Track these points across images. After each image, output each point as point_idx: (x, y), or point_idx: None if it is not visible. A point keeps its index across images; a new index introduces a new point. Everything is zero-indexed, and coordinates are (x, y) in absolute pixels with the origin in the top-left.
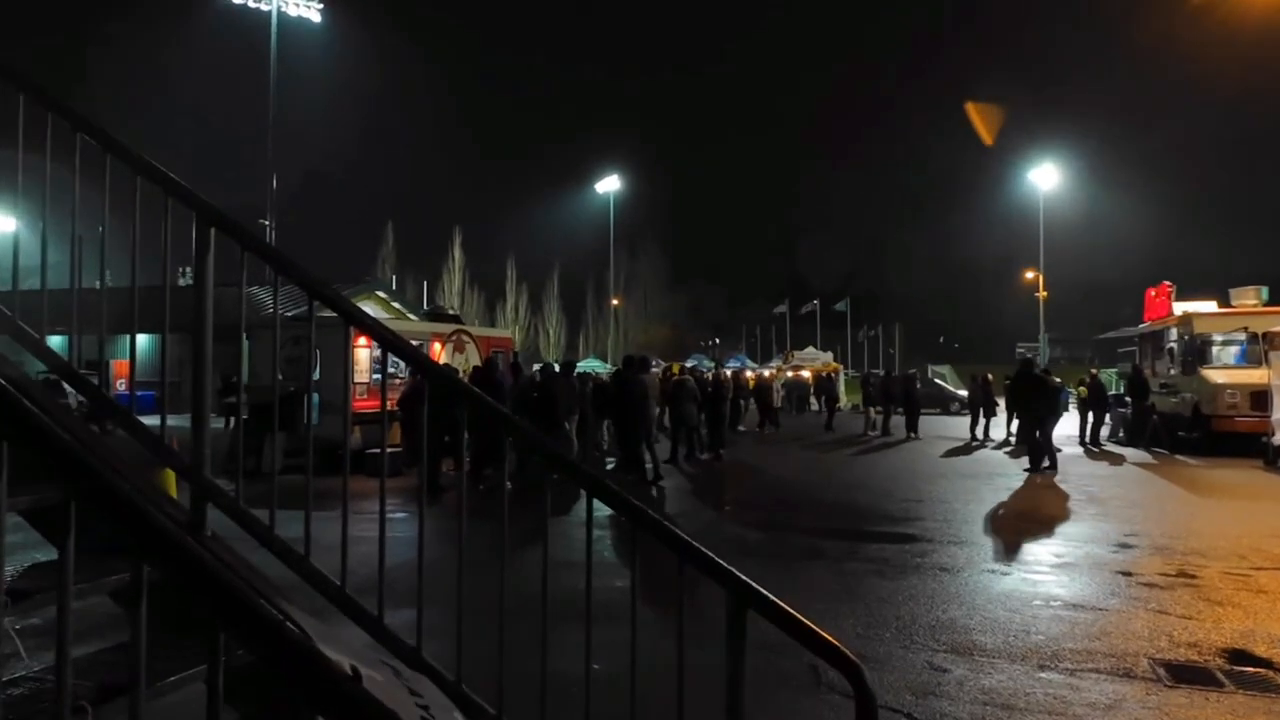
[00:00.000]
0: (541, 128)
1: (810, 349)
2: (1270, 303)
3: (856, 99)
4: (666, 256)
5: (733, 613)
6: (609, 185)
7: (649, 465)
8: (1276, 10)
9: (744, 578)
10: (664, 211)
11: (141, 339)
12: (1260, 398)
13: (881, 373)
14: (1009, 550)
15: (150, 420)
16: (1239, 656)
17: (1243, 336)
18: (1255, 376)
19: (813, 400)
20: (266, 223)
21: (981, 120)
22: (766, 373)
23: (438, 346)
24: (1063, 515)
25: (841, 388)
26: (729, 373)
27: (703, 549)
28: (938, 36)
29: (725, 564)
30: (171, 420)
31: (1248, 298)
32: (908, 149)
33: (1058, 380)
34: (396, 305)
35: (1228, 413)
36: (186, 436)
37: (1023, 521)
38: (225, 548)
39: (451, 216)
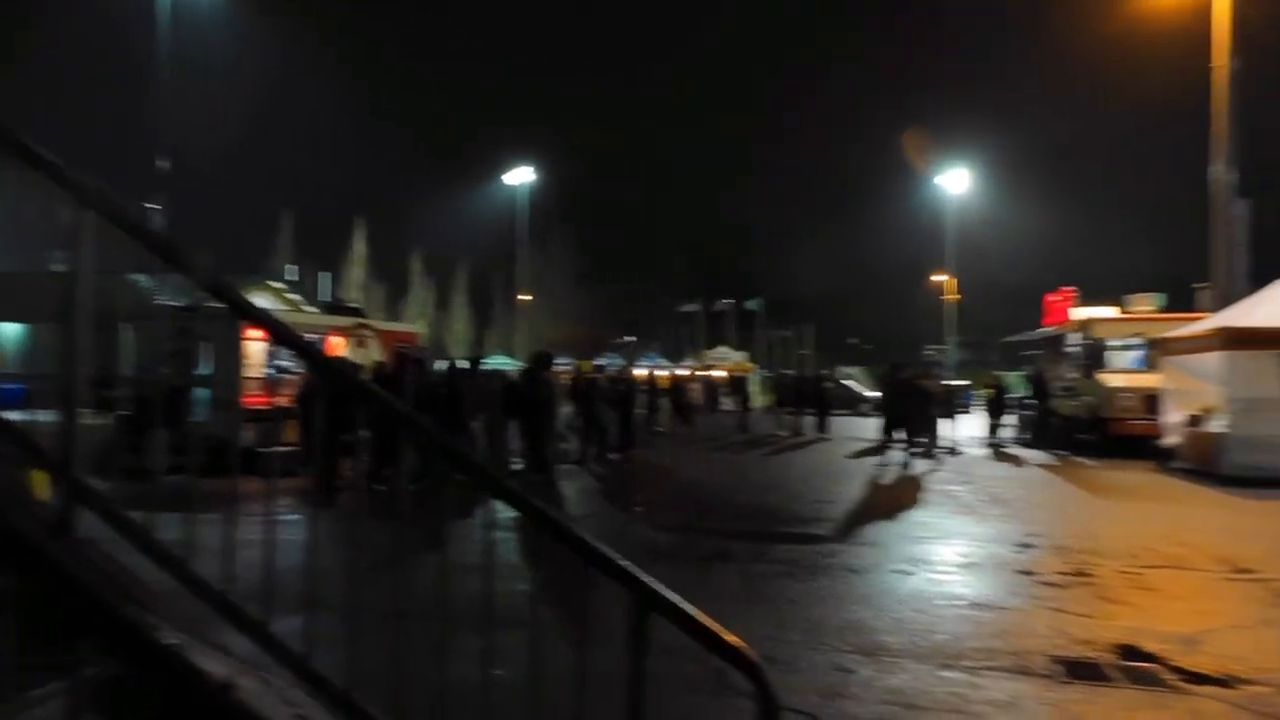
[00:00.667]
0: (450, 118)
1: (723, 348)
2: (1164, 309)
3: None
4: (580, 252)
5: (635, 616)
6: (520, 177)
7: (556, 465)
8: (1181, 21)
9: (648, 580)
10: (578, 207)
11: (10, 328)
12: (1153, 401)
13: (794, 373)
14: (916, 550)
15: (19, 416)
16: (1130, 652)
17: (1138, 342)
18: (1149, 381)
19: (724, 400)
20: (153, 207)
21: (917, 151)
22: (685, 372)
23: (336, 340)
24: (967, 515)
25: (754, 388)
26: (646, 372)
27: (606, 551)
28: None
29: (629, 566)
30: (46, 416)
31: (1143, 304)
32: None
33: (938, 383)
34: (293, 297)
35: (1123, 415)
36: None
37: (930, 521)
38: (98, 552)
39: (354, 207)
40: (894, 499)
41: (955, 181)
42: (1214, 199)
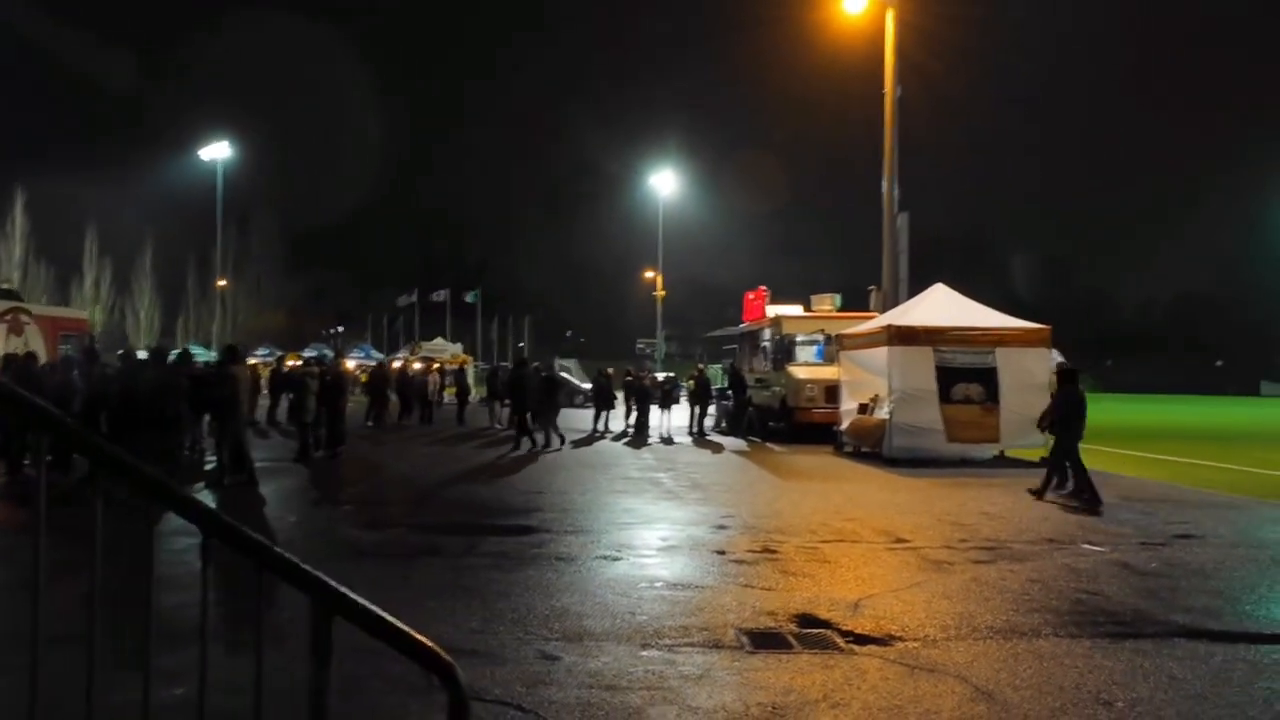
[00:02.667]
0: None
1: (439, 340)
2: (843, 308)
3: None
4: (285, 237)
5: (316, 620)
6: (217, 152)
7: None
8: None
9: (329, 581)
10: (283, 188)
11: None
12: (833, 392)
13: (510, 365)
14: (622, 536)
15: None
16: (806, 620)
17: (820, 337)
18: (830, 373)
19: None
20: None
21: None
22: (419, 365)
23: None
24: (670, 501)
25: (470, 380)
26: (374, 364)
27: (284, 553)
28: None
29: (309, 568)
30: None
31: (825, 304)
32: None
33: (653, 378)
34: None
35: (808, 405)
36: None
37: (635, 508)
38: None
39: (11, 174)
40: (603, 487)
41: (665, 183)
42: (885, 211)
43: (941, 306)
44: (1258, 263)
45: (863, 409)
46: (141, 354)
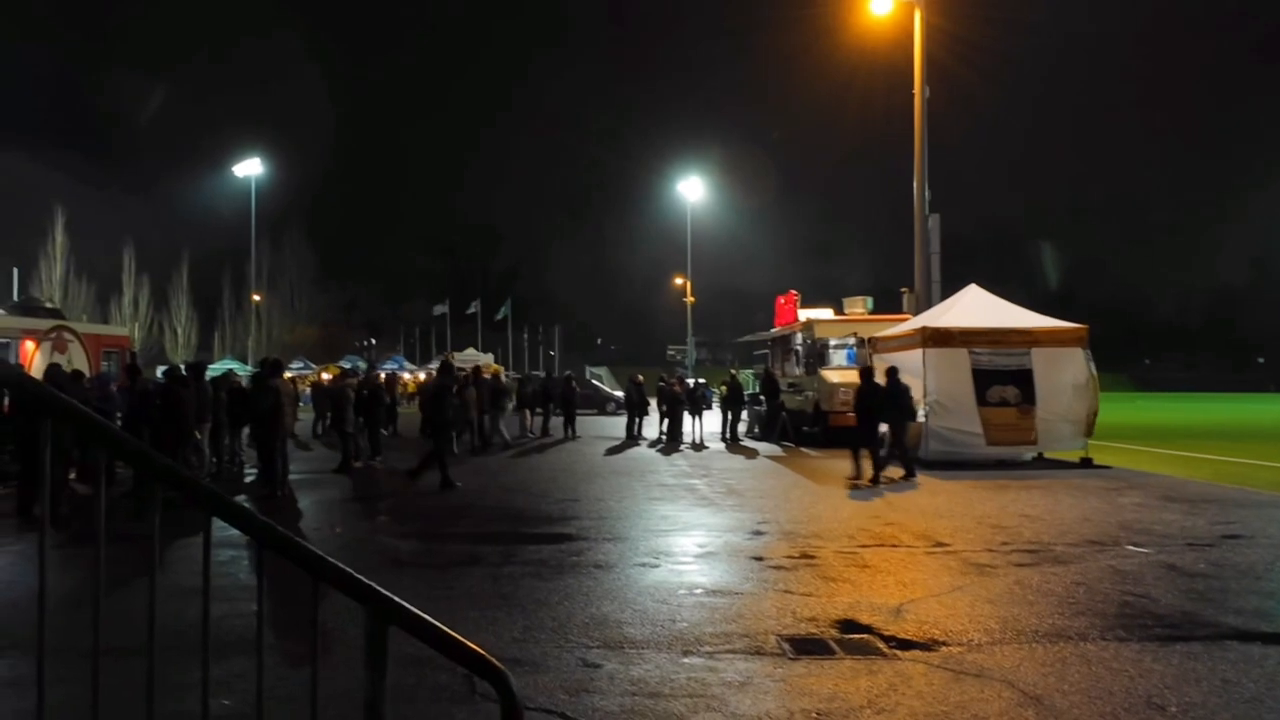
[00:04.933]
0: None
1: (471, 350)
2: (875, 311)
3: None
4: (317, 250)
5: (372, 630)
6: (250, 169)
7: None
8: (891, 54)
9: (384, 592)
10: (316, 202)
11: None
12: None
13: (542, 374)
14: (659, 543)
15: None
16: (848, 626)
17: (853, 341)
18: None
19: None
20: None
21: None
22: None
23: (31, 345)
24: (705, 507)
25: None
26: (385, 375)
27: (339, 564)
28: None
29: (364, 579)
30: None
31: (857, 307)
32: (569, 153)
33: (684, 383)
34: None
35: (842, 409)
36: None
37: (671, 515)
38: None
39: (52, 192)
40: (638, 494)
41: (692, 189)
42: (916, 213)
43: (975, 307)
44: None
45: None
46: (182, 368)
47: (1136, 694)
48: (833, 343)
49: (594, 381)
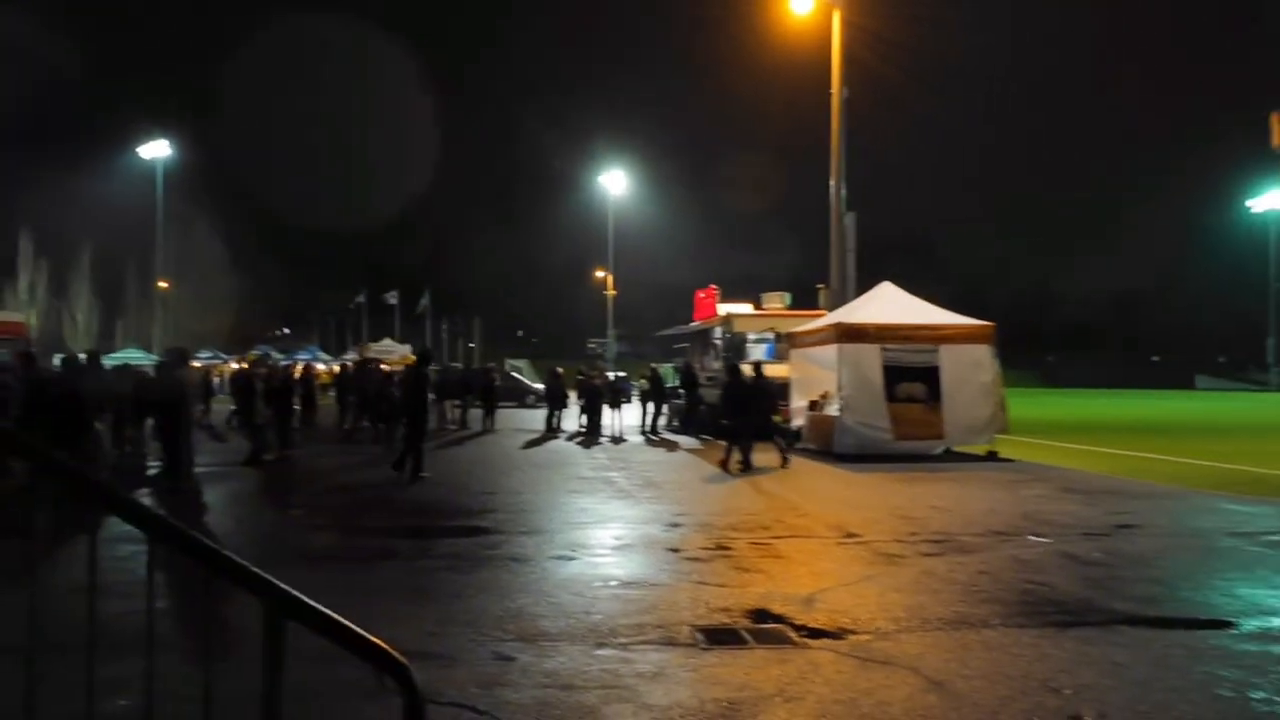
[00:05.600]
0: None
1: (388, 341)
2: (792, 307)
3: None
4: (229, 237)
5: (269, 624)
6: (156, 151)
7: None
8: (811, 54)
9: (281, 585)
10: (228, 189)
11: None
12: (784, 390)
13: (461, 366)
14: (575, 536)
15: None
16: (760, 616)
17: (771, 335)
18: (780, 371)
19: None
20: None
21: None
22: (385, 366)
23: None
24: (623, 500)
25: None
26: (301, 365)
27: (234, 557)
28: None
29: (260, 571)
30: None
31: (775, 302)
32: (491, 145)
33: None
34: None
35: None
36: None
37: (589, 507)
38: None
39: None
40: (556, 487)
41: (615, 182)
42: (833, 211)
43: (888, 304)
44: (1192, 262)
45: (813, 406)
46: (81, 357)
47: (1034, 677)
48: (751, 337)
49: (514, 374)
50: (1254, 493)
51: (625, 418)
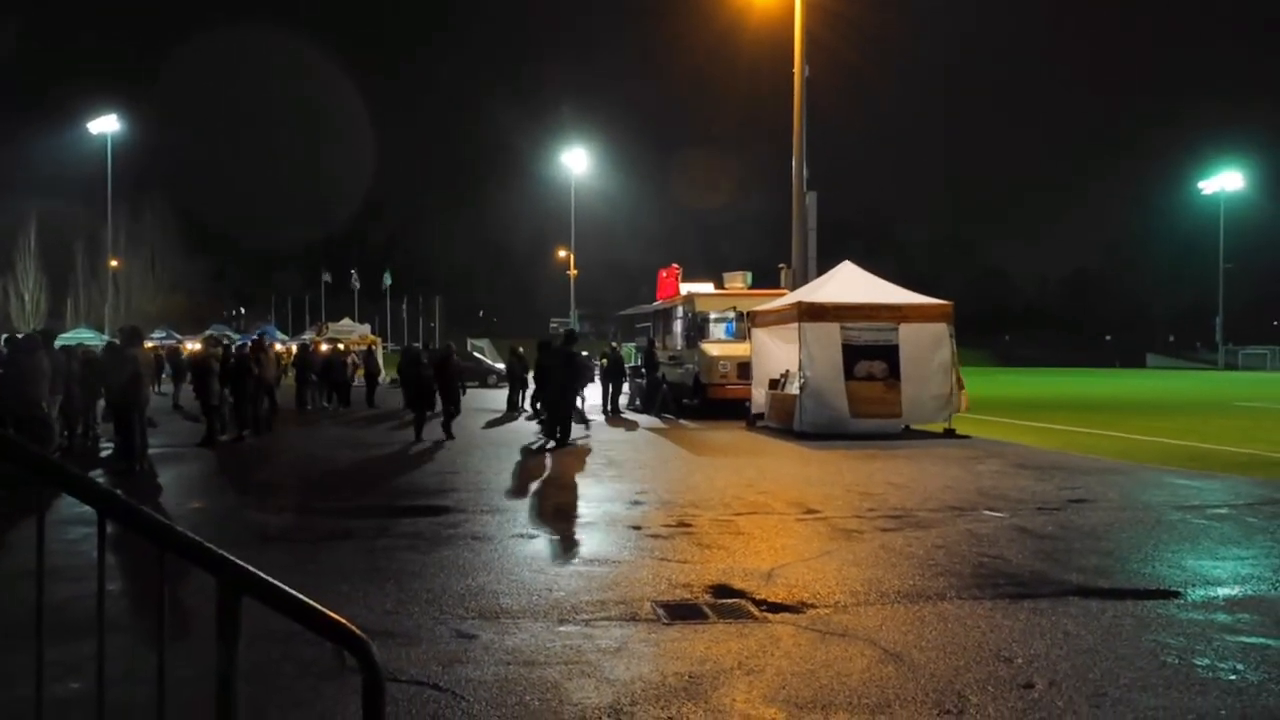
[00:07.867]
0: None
1: (347, 320)
2: (754, 286)
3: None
4: (183, 215)
5: (224, 601)
6: (106, 125)
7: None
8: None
9: (237, 561)
10: (182, 165)
11: None
12: (745, 368)
13: (421, 346)
14: (538, 514)
15: None
16: (721, 591)
17: (732, 315)
18: (741, 350)
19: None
20: None
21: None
22: (325, 346)
23: None
24: (586, 478)
25: (380, 361)
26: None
27: (188, 533)
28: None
29: (213, 547)
30: None
31: (736, 281)
32: (451, 124)
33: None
34: None
35: (720, 381)
36: None
37: (550, 486)
38: None
39: None
40: (517, 467)
41: (577, 161)
42: (794, 190)
43: (849, 283)
44: (1143, 243)
45: (774, 384)
46: (29, 336)
47: (987, 648)
48: (713, 316)
49: (476, 354)
50: (1200, 467)
51: (589, 397)
